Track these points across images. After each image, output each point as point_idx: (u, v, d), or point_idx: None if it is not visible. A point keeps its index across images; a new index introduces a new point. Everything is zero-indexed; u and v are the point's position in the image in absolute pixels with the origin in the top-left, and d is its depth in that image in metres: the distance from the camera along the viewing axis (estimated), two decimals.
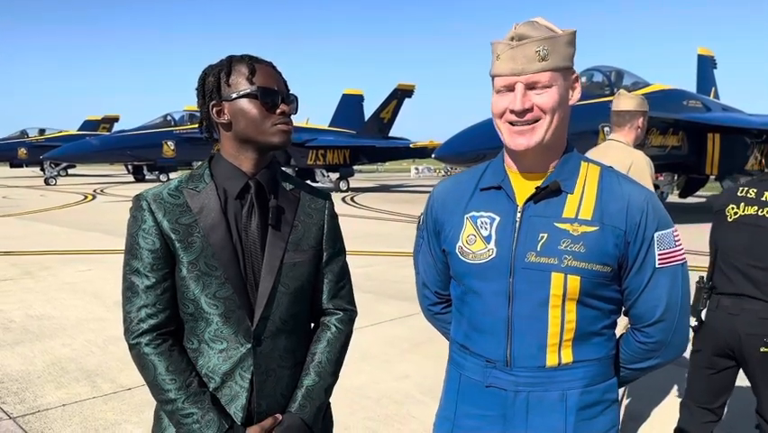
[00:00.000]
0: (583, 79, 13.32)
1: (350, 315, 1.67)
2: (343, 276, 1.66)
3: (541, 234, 1.42)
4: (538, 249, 1.41)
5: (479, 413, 1.50)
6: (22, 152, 33.40)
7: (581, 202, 1.43)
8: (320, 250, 1.59)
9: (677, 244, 1.47)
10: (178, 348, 1.48)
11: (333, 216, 1.64)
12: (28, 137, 34.17)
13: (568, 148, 1.49)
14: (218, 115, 1.48)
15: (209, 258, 1.44)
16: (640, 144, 3.45)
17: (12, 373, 4.52)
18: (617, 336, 1.56)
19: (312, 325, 1.67)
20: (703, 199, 21.50)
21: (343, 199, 21.32)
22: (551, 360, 1.43)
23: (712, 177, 16.29)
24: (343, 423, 3.73)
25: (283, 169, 1.62)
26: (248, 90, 1.45)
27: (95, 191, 23.71)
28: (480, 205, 1.50)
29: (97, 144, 25.07)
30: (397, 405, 4.02)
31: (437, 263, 1.64)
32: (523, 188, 1.47)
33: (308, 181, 26.45)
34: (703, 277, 2.81)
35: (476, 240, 1.48)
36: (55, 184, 27.70)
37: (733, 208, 2.76)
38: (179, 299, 1.48)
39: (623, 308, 1.54)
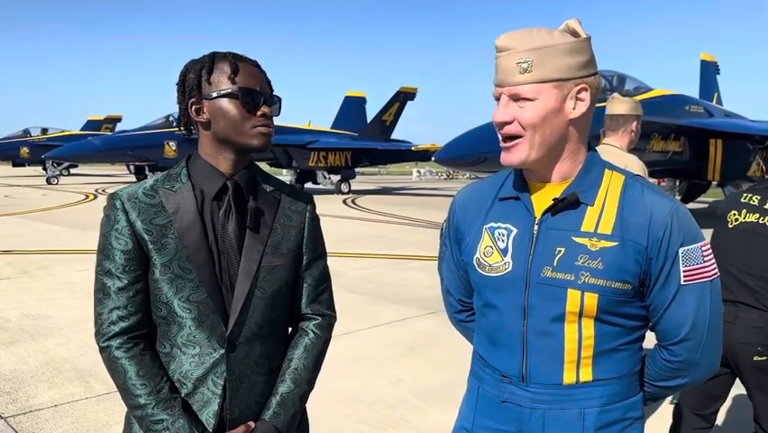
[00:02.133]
0: None
1: (328, 320, 1.63)
2: (323, 280, 1.62)
3: (558, 249, 1.36)
4: (555, 264, 1.36)
5: (495, 427, 1.47)
6: (25, 151, 33.45)
7: (602, 215, 1.36)
8: (300, 253, 1.55)
9: (706, 259, 1.38)
10: (150, 352, 1.44)
11: (315, 219, 1.60)
12: (31, 136, 34.21)
13: (589, 156, 1.42)
14: (197, 114, 1.44)
15: (183, 260, 1.40)
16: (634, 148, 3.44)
17: (5, 373, 4.51)
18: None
19: (290, 330, 1.63)
20: (705, 205, 21.43)
21: (344, 202, 21.30)
22: (568, 377, 1.38)
23: (714, 183, 16.26)
24: (336, 427, 3.71)
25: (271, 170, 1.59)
26: (229, 90, 1.40)
27: (96, 191, 23.73)
28: (499, 216, 1.46)
29: (99, 144, 25.00)
30: (390, 409, 3.99)
31: (459, 271, 1.60)
32: (542, 199, 1.41)
33: (310, 183, 26.45)
34: None
35: (493, 252, 1.43)
36: (57, 183, 27.78)
37: (734, 214, 2.72)
38: (152, 302, 1.44)
39: (650, 324, 1.47)
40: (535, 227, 1.39)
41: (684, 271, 1.36)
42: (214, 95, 1.41)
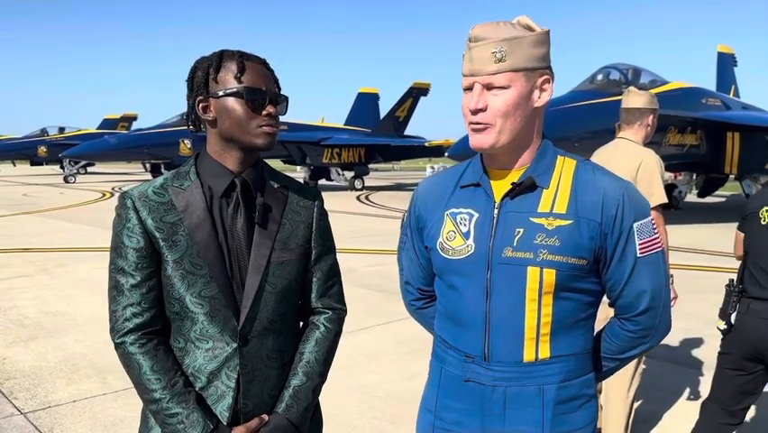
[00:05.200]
0: (600, 77, 13.19)
1: (339, 314, 1.65)
2: (333, 275, 1.64)
3: (517, 230, 1.43)
4: (514, 244, 1.42)
5: (458, 407, 1.52)
6: (42, 150, 33.81)
7: (556, 196, 1.45)
8: (308, 248, 1.57)
9: (655, 232, 1.49)
10: (164, 347, 1.46)
11: (323, 214, 1.62)
12: (48, 135, 34.55)
13: (543, 143, 1.51)
14: (204, 112, 1.46)
15: (194, 257, 1.42)
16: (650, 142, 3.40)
17: (24, 369, 4.58)
18: (595, 330, 1.57)
19: (301, 324, 1.65)
20: (722, 199, 21.20)
21: (358, 198, 21.33)
22: (528, 355, 1.44)
23: (732, 176, 16.06)
24: (351, 422, 3.73)
25: (272, 167, 1.60)
26: (234, 89, 1.42)
27: (113, 189, 23.98)
28: (460, 202, 1.52)
29: (115, 143, 25.22)
30: (405, 404, 4.00)
31: (420, 260, 1.66)
32: (500, 184, 1.49)
33: (323, 180, 26.47)
34: (733, 280, 2.76)
35: (455, 236, 1.49)
36: (74, 182, 28.10)
37: (767, 210, 2.70)
38: (165, 298, 1.46)
39: (608, 301, 1.55)
40: (495, 211, 1.46)
41: (639, 245, 1.45)
42: (221, 93, 1.43)
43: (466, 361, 1.50)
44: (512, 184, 1.46)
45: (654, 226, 1.49)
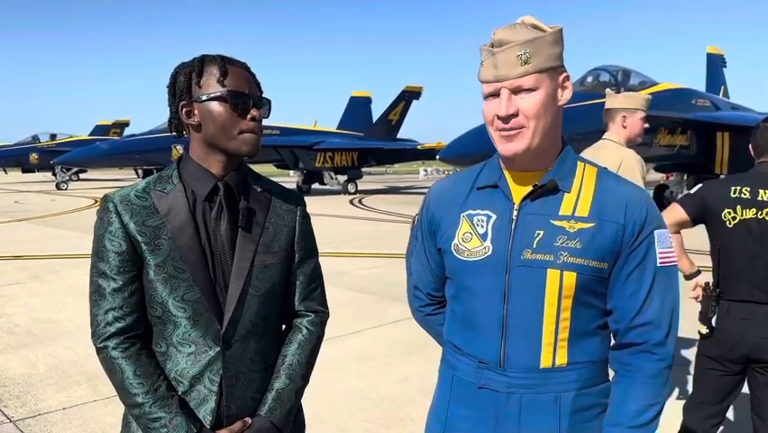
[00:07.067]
0: (590, 79, 13.27)
1: (321, 317, 1.65)
2: (315, 278, 1.65)
3: (537, 232, 1.40)
4: (534, 246, 1.39)
5: (471, 414, 1.48)
6: (34, 157, 33.67)
7: (578, 200, 1.42)
8: (291, 252, 1.58)
9: (671, 244, 1.46)
10: (146, 352, 1.46)
11: (305, 218, 1.63)
12: (39, 142, 34.40)
13: (564, 147, 1.48)
14: (187, 116, 1.46)
15: (177, 260, 1.42)
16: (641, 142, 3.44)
17: (14, 377, 4.55)
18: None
19: (283, 327, 1.66)
20: None
21: (351, 202, 21.33)
22: (545, 361, 1.40)
23: (722, 176, 16.18)
24: (343, 425, 3.72)
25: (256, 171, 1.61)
26: (218, 93, 1.42)
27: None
28: (477, 203, 1.49)
29: (107, 149, 25.12)
30: (397, 407, 4.01)
31: (431, 264, 1.62)
32: (519, 186, 1.46)
33: (317, 184, 26.35)
34: (709, 283, 2.76)
35: (472, 237, 1.46)
36: (66, 189, 27.99)
37: (730, 213, 2.66)
38: (147, 302, 1.46)
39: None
40: (515, 212, 1.44)
41: (659, 253, 1.42)
42: (204, 97, 1.43)
43: (480, 367, 1.46)
44: (533, 186, 1.43)
45: (670, 238, 1.46)
